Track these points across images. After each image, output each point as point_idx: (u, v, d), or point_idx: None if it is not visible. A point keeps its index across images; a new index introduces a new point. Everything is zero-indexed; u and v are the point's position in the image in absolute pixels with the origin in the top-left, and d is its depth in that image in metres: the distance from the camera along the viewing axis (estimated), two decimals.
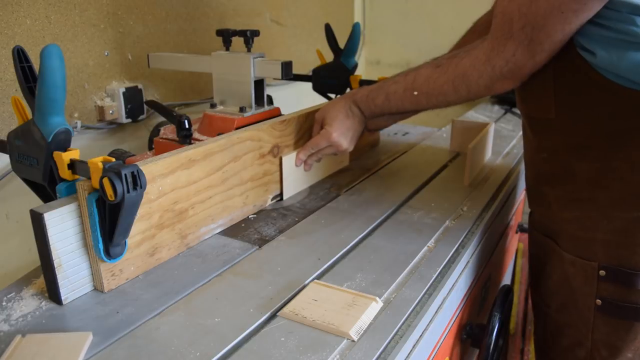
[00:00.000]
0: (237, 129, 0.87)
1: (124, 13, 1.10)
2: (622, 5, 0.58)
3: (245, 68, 0.95)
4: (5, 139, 0.66)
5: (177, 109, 1.21)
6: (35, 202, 0.62)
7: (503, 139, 1.30)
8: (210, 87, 1.01)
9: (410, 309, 0.60)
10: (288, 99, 1.46)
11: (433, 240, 0.76)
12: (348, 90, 1.18)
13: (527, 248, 0.93)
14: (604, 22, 0.60)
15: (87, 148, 1.07)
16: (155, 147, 0.95)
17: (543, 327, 0.85)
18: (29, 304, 0.60)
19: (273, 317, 0.58)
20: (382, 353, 0.53)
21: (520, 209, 1.31)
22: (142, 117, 1.15)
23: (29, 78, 0.61)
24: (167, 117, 0.95)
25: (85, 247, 0.60)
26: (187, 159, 0.69)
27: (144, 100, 1.13)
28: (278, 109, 1.01)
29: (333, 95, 1.22)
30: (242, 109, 0.94)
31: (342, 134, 0.87)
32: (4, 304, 0.59)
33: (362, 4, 2.15)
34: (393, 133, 1.35)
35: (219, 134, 0.83)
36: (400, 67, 1.95)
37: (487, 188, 0.96)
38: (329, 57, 1.24)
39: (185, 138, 0.89)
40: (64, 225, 0.58)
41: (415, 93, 0.79)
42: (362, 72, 2.03)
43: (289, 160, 0.90)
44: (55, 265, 0.57)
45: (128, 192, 0.54)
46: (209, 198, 0.74)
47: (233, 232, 0.78)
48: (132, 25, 1.12)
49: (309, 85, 1.25)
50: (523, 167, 0.86)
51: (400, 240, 0.76)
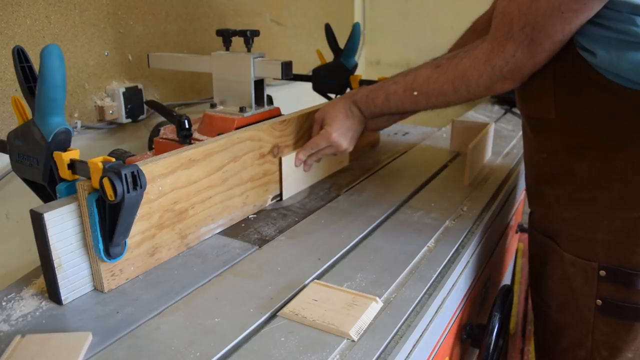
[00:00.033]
0: (237, 129, 0.87)
1: (124, 13, 1.10)
2: (622, 5, 0.58)
3: (245, 68, 0.95)
4: (5, 139, 0.66)
5: (177, 109, 1.21)
6: (35, 202, 0.62)
7: (503, 139, 1.30)
8: (210, 87, 1.01)
9: (410, 309, 0.60)
10: (288, 99, 1.46)
11: (433, 240, 0.76)
12: (348, 90, 1.18)
13: (527, 248, 0.93)
14: (604, 22, 0.60)
15: (87, 148, 1.07)
16: (155, 147, 0.95)
17: (543, 327, 0.85)
18: (29, 304, 0.60)
19: (273, 317, 0.58)
20: (382, 353, 0.53)
21: (520, 209, 1.31)
22: (142, 117, 1.15)
23: (29, 78, 0.61)
24: (167, 117, 0.95)
25: (85, 247, 0.60)
26: (187, 159, 0.69)
27: (144, 100, 1.13)
28: (278, 109, 1.01)
29: (333, 95, 1.22)
30: (242, 109, 0.94)
31: (341, 134, 0.87)
32: (4, 304, 0.59)
33: (362, 4, 2.15)
34: (393, 133, 1.35)
35: (219, 134, 0.83)
36: (400, 67, 1.95)
37: (487, 188, 0.96)
38: (329, 57, 1.23)
39: (185, 138, 0.89)
40: (64, 225, 0.58)
41: (415, 93, 0.79)
42: (362, 72, 2.03)
43: (289, 161, 0.90)
44: (55, 265, 0.57)
45: (128, 192, 0.54)
46: (209, 198, 0.74)
47: (233, 232, 0.78)
48: (132, 25, 1.12)
49: (309, 85, 1.25)
50: (523, 167, 0.86)
51: (400, 240, 0.76)
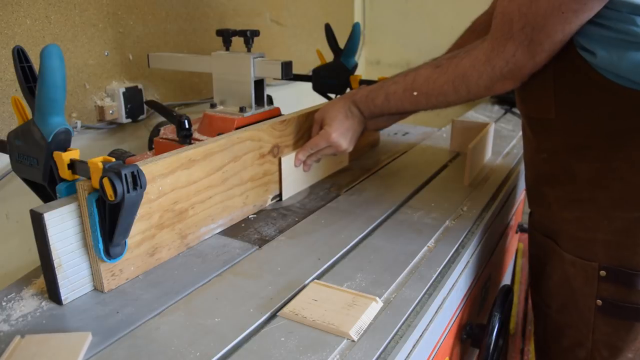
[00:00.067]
0: (237, 129, 0.87)
1: (124, 13, 1.10)
2: (622, 5, 0.58)
3: (245, 68, 0.95)
4: (5, 139, 0.66)
5: (177, 109, 1.21)
6: (35, 202, 0.62)
7: (503, 139, 1.30)
8: (210, 87, 1.01)
9: (410, 309, 0.60)
10: (288, 99, 1.46)
11: (433, 240, 0.76)
12: (348, 90, 1.18)
13: (527, 248, 0.93)
14: (604, 22, 0.60)
15: (87, 148, 1.07)
16: (155, 147, 0.95)
17: (543, 327, 0.85)
18: (29, 304, 0.60)
19: (273, 317, 0.58)
20: (382, 353, 0.53)
21: (520, 209, 1.31)
22: (142, 117, 1.15)
23: (29, 78, 0.61)
24: (167, 117, 0.95)
25: (85, 247, 0.60)
26: (187, 159, 0.69)
27: (144, 100, 1.13)
28: (278, 109, 1.01)
29: (333, 95, 1.22)
30: (242, 109, 0.94)
31: (341, 135, 0.87)
32: (4, 304, 0.59)
33: (362, 4, 2.15)
34: (393, 133, 1.35)
35: (219, 134, 0.83)
36: (400, 67, 1.95)
37: (487, 188, 0.96)
38: (329, 57, 1.23)
39: (185, 138, 0.89)
40: (64, 225, 0.58)
41: (415, 93, 0.79)
42: (362, 72, 2.03)
43: (288, 161, 0.90)
44: (55, 265, 0.57)
45: (128, 192, 0.54)
46: (209, 198, 0.74)
47: (233, 232, 0.78)
48: (132, 25, 1.12)
49: (309, 85, 1.25)
50: (523, 167, 0.86)
51: (400, 240, 0.76)
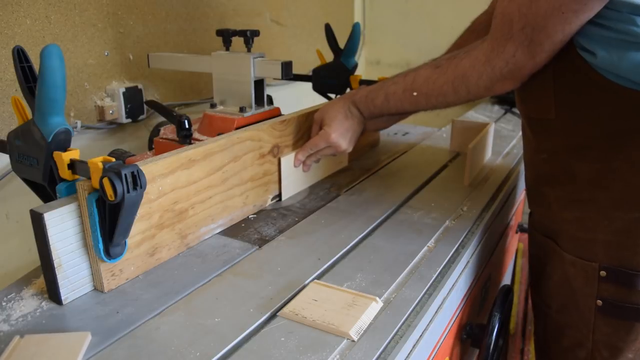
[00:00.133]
0: (237, 129, 0.87)
1: (124, 13, 1.10)
2: (622, 5, 0.58)
3: (245, 68, 0.95)
4: (5, 139, 0.66)
5: (177, 109, 1.21)
6: (35, 202, 0.62)
7: (503, 139, 1.30)
8: (210, 87, 1.01)
9: (410, 309, 0.60)
10: (288, 99, 1.46)
11: (433, 240, 0.76)
12: (348, 90, 1.18)
13: (527, 248, 0.93)
14: (604, 22, 0.60)
15: (87, 148, 1.07)
16: (155, 147, 0.95)
17: (543, 327, 0.85)
18: (29, 304, 0.60)
19: (273, 317, 0.58)
20: (382, 353, 0.53)
21: (520, 209, 1.31)
22: (142, 117, 1.15)
23: (29, 78, 0.61)
24: (167, 117, 0.95)
25: (85, 247, 0.60)
26: (187, 159, 0.69)
27: (144, 100, 1.13)
28: (278, 109, 1.01)
29: (333, 95, 1.22)
30: (242, 109, 0.94)
31: (341, 135, 0.87)
32: (4, 304, 0.59)
33: (362, 4, 2.15)
34: (393, 133, 1.35)
35: (219, 134, 0.83)
36: (400, 67, 1.95)
37: (487, 188, 0.96)
38: (329, 57, 1.24)
39: (185, 138, 0.89)
40: (64, 225, 0.58)
41: (415, 94, 0.79)
42: (362, 72, 2.03)
43: (288, 161, 0.90)
44: (55, 265, 0.57)
45: (128, 192, 0.54)
46: (209, 198, 0.74)
47: (233, 232, 0.78)
48: (132, 25, 1.12)
49: (309, 85, 1.25)
50: (523, 167, 0.86)
51: (400, 240, 0.76)
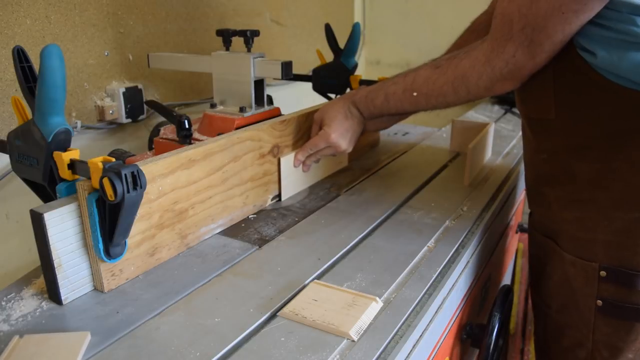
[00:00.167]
0: (237, 129, 0.87)
1: (124, 13, 1.10)
2: (622, 6, 0.58)
3: (245, 68, 0.95)
4: (5, 139, 0.66)
5: (177, 109, 1.21)
6: (35, 202, 0.62)
7: (503, 139, 1.30)
8: (210, 87, 1.01)
9: (410, 309, 0.60)
10: (288, 99, 1.46)
11: (433, 240, 0.76)
12: (348, 91, 1.18)
13: (527, 248, 0.93)
14: (605, 22, 0.60)
15: (87, 148, 1.07)
16: (155, 147, 0.95)
17: (543, 327, 0.85)
18: (29, 304, 0.60)
19: (273, 317, 0.58)
20: (382, 353, 0.53)
21: (520, 209, 1.31)
22: (142, 117, 1.15)
23: (29, 78, 0.61)
24: (167, 117, 0.95)
25: (85, 247, 0.60)
26: (187, 159, 0.69)
27: (144, 100, 1.13)
28: (278, 109, 1.01)
29: (333, 95, 1.22)
30: (242, 109, 0.94)
31: (341, 135, 0.87)
32: (4, 304, 0.59)
33: (362, 4, 2.15)
34: (393, 133, 1.35)
35: (219, 134, 0.83)
36: (400, 67, 1.95)
37: (487, 188, 0.96)
38: (329, 57, 1.24)
39: (185, 138, 0.89)
40: (64, 225, 0.58)
41: (415, 94, 0.79)
42: (362, 72, 2.03)
43: (288, 161, 0.90)
44: (55, 265, 0.57)
45: (128, 192, 0.54)
46: (209, 198, 0.74)
47: (233, 232, 0.78)
48: (132, 25, 1.12)
49: (309, 85, 1.25)
50: (523, 167, 0.86)
51: (400, 240, 0.76)
